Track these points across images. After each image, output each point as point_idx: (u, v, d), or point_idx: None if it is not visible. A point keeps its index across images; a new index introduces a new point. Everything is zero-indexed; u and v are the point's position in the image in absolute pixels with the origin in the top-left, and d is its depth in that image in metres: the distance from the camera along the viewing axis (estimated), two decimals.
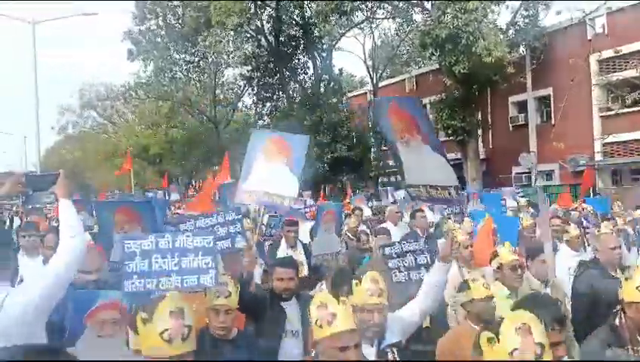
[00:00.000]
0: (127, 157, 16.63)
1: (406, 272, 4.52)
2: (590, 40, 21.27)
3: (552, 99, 23.18)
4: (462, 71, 20.67)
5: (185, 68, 32.51)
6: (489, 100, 25.01)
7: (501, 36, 21.02)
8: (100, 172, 44.08)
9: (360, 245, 7.34)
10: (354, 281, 3.16)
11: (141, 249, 3.12)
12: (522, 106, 24.65)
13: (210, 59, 31.61)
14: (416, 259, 4.53)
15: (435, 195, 3.79)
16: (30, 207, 8.80)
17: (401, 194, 14.21)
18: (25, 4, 45.38)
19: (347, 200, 14.45)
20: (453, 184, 3.65)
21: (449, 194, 3.66)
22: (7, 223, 11.71)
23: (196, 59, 32.09)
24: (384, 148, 30.12)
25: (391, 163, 30.15)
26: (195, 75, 33.30)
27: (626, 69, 20.33)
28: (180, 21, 29.21)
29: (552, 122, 23.07)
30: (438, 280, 3.53)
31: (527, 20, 22.23)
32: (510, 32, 22.09)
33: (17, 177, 3.09)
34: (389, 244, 4.80)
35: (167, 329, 2.45)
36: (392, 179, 31.32)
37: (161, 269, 3.11)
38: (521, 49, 23.02)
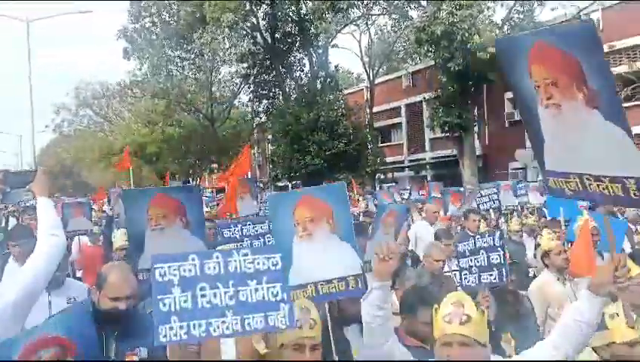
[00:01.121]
0: (126, 155, 16.40)
1: (477, 274, 3.96)
2: None
3: None
4: (457, 67, 20.71)
5: (180, 65, 32.44)
6: (485, 96, 25.07)
7: (497, 32, 21.05)
8: (96, 170, 43.98)
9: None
10: (434, 307, 2.52)
11: (180, 275, 2.27)
12: None
13: (205, 57, 31.53)
14: (489, 257, 3.94)
15: (598, 191, 2.36)
16: (24, 206, 8.72)
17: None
18: (20, 4, 45.26)
19: (356, 198, 14.29)
20: (636, 175, 2.18)
21: (624, 189, 2.23)
22: (3, 224, 11.57)
23: (192, 56, 32.01)
24: (381, 145, 30.26)
25: (389, 160, 30.33)
26: (190, 73, 33.22)
27: (619, 65, 20.39)
28: (174, 18, 29.12)
29: None
30: (588, 318, 2.44)
31: (522, 16, 22.26)
32: (505, 27, 22.12)
33: None
34: (464, 239, 4.20)
35: None
36: (389, 175, 31.44)
37: (210, 306, 2.26)
38: None
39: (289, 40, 30.05)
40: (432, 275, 4.65)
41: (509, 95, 24.59)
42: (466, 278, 4.02)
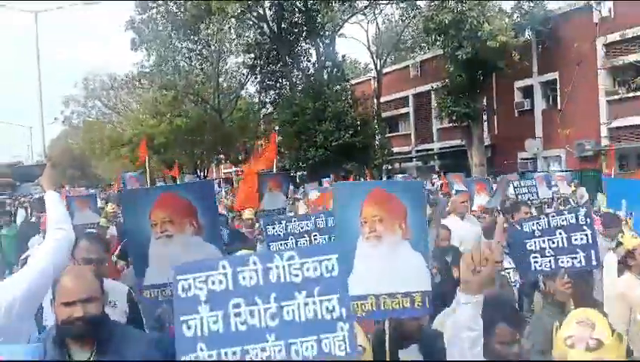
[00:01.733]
0: (142, 147, 16.38)
1: (552, 257, 3.47)
2: (596, 24, 20.98)
3: (558, 83, 22.93)
4: (466, 56, 20.48)
5: (187, 56, 32.40)
6: (494, 86, 24.78)
7: (506, 20, 20.79)
8: (105, 161, 44.17)
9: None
10: (554, 325, 2.18)
11: (208, 289, 1.83)
12: (528, 91, 24.41)
13: (212, 48, 31.46)
14: (570, 237, 3.43)
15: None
16: (31, 200, 8.64)
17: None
18: None
19: None
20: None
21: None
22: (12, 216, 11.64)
23: (199, 47, 31.95)
24: (388, 135, 30.10)
25: (396, 150, 30.16)
26: (197, 64, 33.17)
27: (632, 53, 20.07)
28: (181, 9, 29.02)
29: (559, 107, 22.84)
30: None
31: (532, 4, 21.92)
32: (515, 16, 21.81)
33: (3, 170, 3.05)
34: (532, 218, 3.76)
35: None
36: (397, 166, 31.28)
37: (247, 329, 1.81)
38: (527, 33, 22.74)
39: (296, 30, 29.86)
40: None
41: (518, 84, 24.35)
42: (536, 262, 3.48)
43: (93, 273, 2.48)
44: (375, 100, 30.47)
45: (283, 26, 29.27)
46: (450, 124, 24.99)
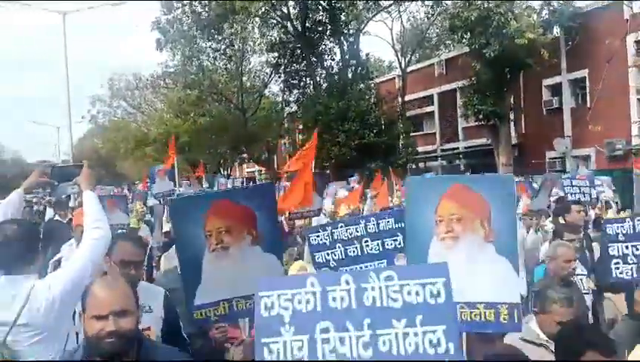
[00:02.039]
0: (171, 146, 16.53)
1: (636, 265, 3.24)
2: (627, 20, 20.48)
3: (587, 81, 22.44)
4: (493, 54, 20.18)
5: (212, 56, 32.61)
6: (521, 84, 24.36)
7: (534, 17, 20.42)
8: (130, 160, 44.75)
9: None
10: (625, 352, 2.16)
11: (294, 309, 1.64)
12: (556, 89, 23.94)
13: (236, 47, 31.62)
14: None
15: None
16: (55, 199, 8.62)
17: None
18: None
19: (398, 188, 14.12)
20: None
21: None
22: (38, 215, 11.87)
23: (223, 46, 32.12)
24: (413, 134, 29.83)
25: (421, 149, 29.91)
26: (221, 63, 33.37)
27: None
28: (206, 9, 29.22)
29: (588, 105, 22.35)
30: None
31: (561, 1, 21.49)
32: (544, 12, 21.42)
33: (42, 169, 3.07)
34: (616, 220, 3.61)
35: None
36: (421, 165, 31.01)
37: (336, 358, 1.59)
38: (555, 30, 22.31)
39: (320, 28, 29.83)
40: (563, 282, 3.50)
41: (547, 82, 23.90)
42: (617, 268, 3.24)
43: (128, 282, 2.32)
44: (399, 99, 30.25)
45: (307, 24, 29.26)
46: (476, 123, 24.64)
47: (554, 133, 23.00)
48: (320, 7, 29.02)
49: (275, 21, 29.70)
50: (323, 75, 30.80)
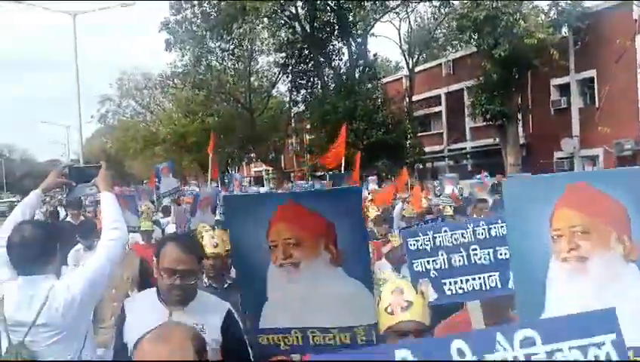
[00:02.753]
0: (211, 142, 15.87)
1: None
2: (636, 20, 20.42)
3: (595, 81, 22.40)
4: (502, 54, 20.19)
5: (220, 56, 32.72)
6: (529, 83, 24.34)
7: (542, 17, 20.42)
8: (140, 160, 44.96)
9: None
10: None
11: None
12: (565, 89, 23.91)
13: (244, 47, 31.76)
14: None
15: None
16: (68, 200, 7.82)
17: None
18: None
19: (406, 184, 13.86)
20: None
21: None
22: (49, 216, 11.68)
23: (231, 47, 32.24)
24: (420, 134, 29.87)
25: (428, 149, 29.94)
26: (230, 63, 33.50)
27: None
28: (215, 9, 29.38)
29: (596, 105, 22.31)
30: None
31: (569, 1, 21.47)
32: (552, 12, 21.40)
33: (60, 170, 3.09)
34: None
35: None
36: (428, 165, 31.03)
37: None
38: (564, 30, 22.28)
39: (327, 29, 29.94)
40: None
41: (555, 82, 23.86)
42: None
43: (178, 294, 2.41)
44: (407, 99, 30.29)
45: (315, 24, 29.37)
46: (484, 123, 24.65)
47: (562, 133, 22.98)
48: (328, 8, 29.12)
49: (283, 21, 29.84)
50: (331, 75, 30.90)
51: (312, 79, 31.84)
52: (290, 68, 32.26)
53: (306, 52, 30.70)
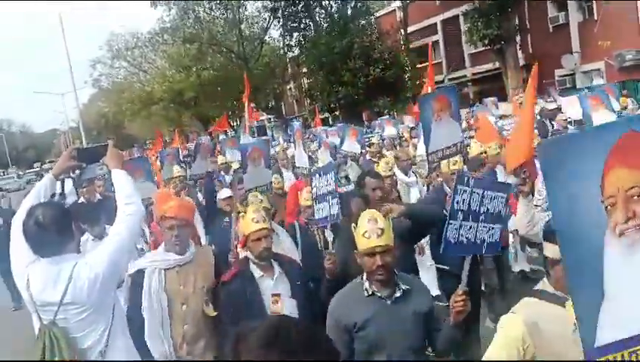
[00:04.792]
0: (247, 89, 13.52)
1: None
2: None
3: None
4: None
5: (208, 7, 31.97)
6: (526, 2, 23.78)
7: None
8: (138, 121, 44.70)
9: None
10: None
11: None
12: (562, 4, 23.36)
13: None
14: None
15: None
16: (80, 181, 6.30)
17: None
18: None
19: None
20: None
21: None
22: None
23: None
24: (419, 65, 29.47)
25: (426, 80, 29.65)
26: (218, 13, 32.76)
27: None
28: None
29: (595, 19, 21.87)
30: None
31: None
32: None
33: (68, 153, 3.12)
34: None
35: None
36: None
37: None
38: None
39: None
40: None
41: None
42: None
43: None
44: (402, 31, 29.71)
45: None
46: (482, 48, 24.27)
47: (562, 50, 22.67)
48: None
49: None
50: (322, 15, 30.20)
51: (303, 21, 31.11)
52: (281, 11, 31.47)
53: None
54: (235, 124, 39.44)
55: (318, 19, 29.92)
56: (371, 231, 2.71)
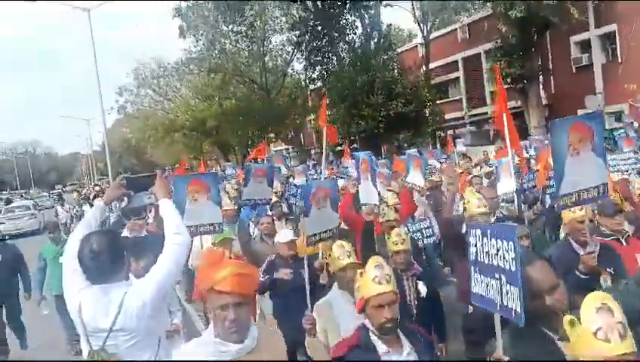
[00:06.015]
0: (323, 111, 12.53)
1: None
2: None
3: (617, 35, 21.91)
4: (518, 15, 19.80)
5: (234, 39, 32.74)
6: (549, 43, 23.91)
7: None
8: (161, 148, 45.36)
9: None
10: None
11: None
12: (585, 46, 23.43)
13: (257, 27, 31.67)
14: None
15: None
16: (128, 209, 6.37)
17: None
18: None
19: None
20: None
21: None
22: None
23: (244, 28, 32.18)
24: (439, 101, 29.64)
25: (448, 116, 29.71)
26: (244, 45, 33.50)
27: None
28: None
29: (619, 60, 21.87)
30: None
31: None
32: None
33: (118, 181, 3.23)
34: None
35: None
36: (450, 133, 30.85)
37: None
38: None
39: (339, 2, 29.61)
40: None
41: (575, 38, 23.38)
42: None
43: None
44: (423, 67, 30.01)
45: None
46: (504, 86, 24.32)
47: (585, 91, 22.62)
48: None
49: None
50: (345, 50, 30.69)
51: (327, 55, 31.63)
52: (304, 45, 32.06)
53: (319, 28, 30.45)
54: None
55: (341, 53, 30.39)
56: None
